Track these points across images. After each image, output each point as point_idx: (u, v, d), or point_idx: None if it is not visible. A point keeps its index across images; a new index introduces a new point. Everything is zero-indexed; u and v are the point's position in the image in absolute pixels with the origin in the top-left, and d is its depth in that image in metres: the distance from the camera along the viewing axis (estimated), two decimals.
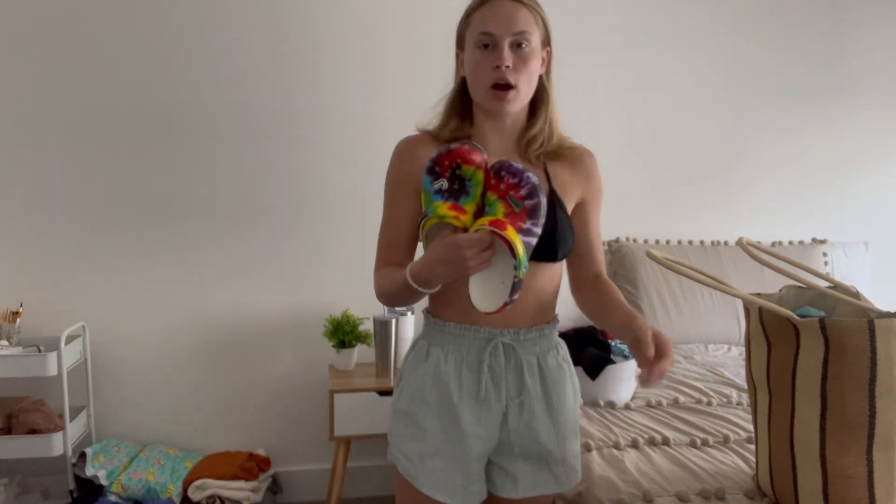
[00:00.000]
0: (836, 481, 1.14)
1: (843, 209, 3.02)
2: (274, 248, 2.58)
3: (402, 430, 1.27)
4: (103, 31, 2.41)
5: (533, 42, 1.19)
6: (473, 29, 1.20)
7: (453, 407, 1.23)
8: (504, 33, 1.17)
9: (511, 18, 1.17)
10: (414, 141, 1.29)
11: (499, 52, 1.17)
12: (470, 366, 1.24)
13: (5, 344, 2.25)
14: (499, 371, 1.24)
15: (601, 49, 2.74)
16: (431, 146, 1.24)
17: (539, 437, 1.26)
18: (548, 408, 1.26)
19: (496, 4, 1.19)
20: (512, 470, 1.28)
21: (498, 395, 1.24)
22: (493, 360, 1.23)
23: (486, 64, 1.18)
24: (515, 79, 1.18)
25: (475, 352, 1.24)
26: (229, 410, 2.61)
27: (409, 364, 1.30)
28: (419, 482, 1.23)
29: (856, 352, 1.11)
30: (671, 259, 1.18)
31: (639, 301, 2.60)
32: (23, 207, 2.42)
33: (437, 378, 1.24)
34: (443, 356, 1.25)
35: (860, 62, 2.96)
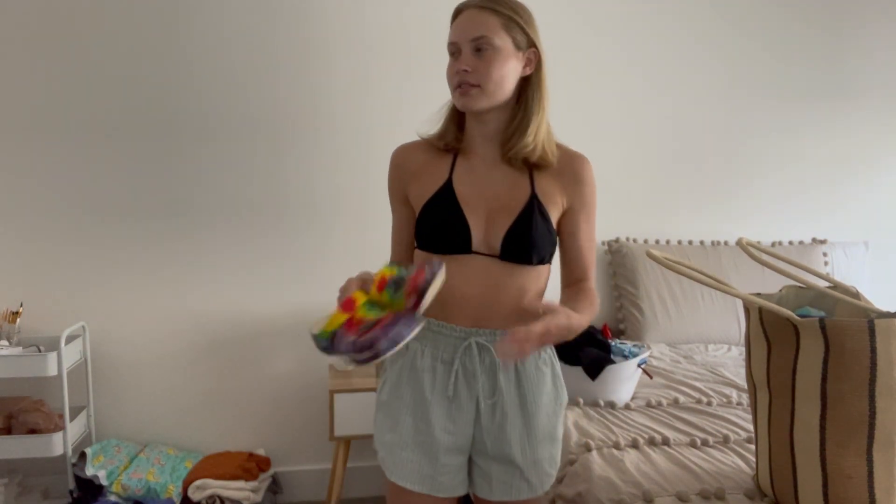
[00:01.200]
0: (836, 481, 1.14)
1: (843, 209, 3.02)
2: (274, 249, 2.58)
3: (382, 420, 1.33)
4: (104, 31, 2.41)
5: (496, 43, 1.23)
6: (447, 42, 1.28)
7: (425, 401, 1.27)
8: (463, 40, 1.24)
9: (469, 25, 1.24)
10: (403, 150, 1.38)
11: (458, 57, 1.25)
12: (444, 362, 1.28)
13: (5, 344, 2.25)
14: (472, 370, 1.27)
15: (601, 49, 2.74)
16: (422, 151, 1.34)
17: (510, 441, 1.27)
18: (521, 411, 1.28)
19: (462, 16, 1.26)
20: (487, 470, 1.31)
21: (470, 395, 1.27)
22: (466, 359, 1.27)
23: (451, 69, 1.26)
24: (477, 78, 1.23)
25: (450, 349, 1.27)
26: (229, 410, 2.61)
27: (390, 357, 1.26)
28: (390, 471, 1.30)
29: (856, 352, 1.11)
30: (671, 259, 1.18)
31: (639, 301, 2.60)
32: (23, 208, 2.42)
33: (413, 372, 1.29)
34: (420, 351, 1.29)
35: (860, 62, 2.96)
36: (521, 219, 1.25)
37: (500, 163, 1.31)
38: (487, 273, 1.26)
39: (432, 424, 1.27)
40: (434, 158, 1.34)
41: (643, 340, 2.56)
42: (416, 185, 1.33)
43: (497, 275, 1.26)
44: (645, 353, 1.95)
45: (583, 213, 1.33)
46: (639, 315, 2.59)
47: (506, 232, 1.24)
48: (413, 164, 1.34)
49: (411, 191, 1.34)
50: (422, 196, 1.30)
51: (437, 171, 1.32)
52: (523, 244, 1.24)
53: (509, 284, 1.26)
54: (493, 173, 1.31)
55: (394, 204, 1.39)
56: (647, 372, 2.01)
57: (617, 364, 1.88)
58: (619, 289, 2.69)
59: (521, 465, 1.28)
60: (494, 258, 1.26)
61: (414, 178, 1.34)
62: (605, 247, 2.78)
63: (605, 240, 2.79)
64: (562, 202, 1.32)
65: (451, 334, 1.27)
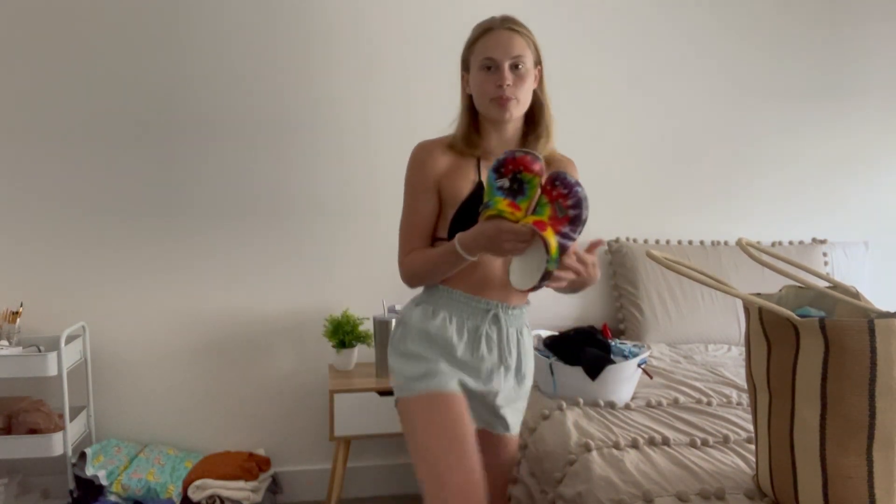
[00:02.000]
0: (836, 481, 1.14)
1: (843, 209, 3.02)
2: (274, 249, 2.58)
3: (410, 366, 1.46)
4: (104, 31, 2.41)
5: (527, 63, 1.44)
6: (478, 55, 1.45)
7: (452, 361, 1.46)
8: (503, 57, 1.42)
9: (508, 45, 1.43)
10: (431, 145, 1.51)
11: (500, 72, 1.42)
12: (469, 330, 1.48)
13: (5, 344, 2.25)
14: (492, 337, 1.49)
15: (601, 49, 2.74)
16: (446, 151, 1.49)
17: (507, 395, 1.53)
18: (517, 373, 1.53)
19: (496, 34, 1.44)
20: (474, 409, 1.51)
21: (490, 357, 1.49)
22: (489, 328, 1.48)
23: (490, 83, 1.42)
24: (514, 92, 1.43)
25: (474, 319, 1.48)
26: (229, 410, 2.61)
27: (416, 317, 1.49)
28: (435, 384, 1.43)
29: (856, 352, 1.11)
30: (671, 259, 1.18)
31: (639, 301, 2.60)
32: (23, 208, 2.42)
33: (443, 334, 1.46)
34: (448, 318, 1.47)
35: (860, 62, 2.96)
36: None
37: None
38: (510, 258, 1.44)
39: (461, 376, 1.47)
40: (459, 160, 1.50)
41: (643, 340, 2.56)
42: (447, 182, 1.48)
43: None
44: (645, 353, 1.95)
45: None
46: (639, 315, 2.59)
47: None
48: (442, 162, 1.49)
49: (442, 187, 1.48)
50: (456, 195, 1.46)
51: (466, 173, 1.48)
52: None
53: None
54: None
55: (420, 195, 1.49)
56: (647, 372, 2.01)
57: (617, 364, 1.88)
58: (619, 289, 2.69)
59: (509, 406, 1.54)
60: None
61: (444, 177, 1.48)
62: (605, 247, 2.78)
63: (606, 240, 2.78)
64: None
65: (477, 306, 1.47)
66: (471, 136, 1.49)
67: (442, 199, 1.49)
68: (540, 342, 2.04)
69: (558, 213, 1.30)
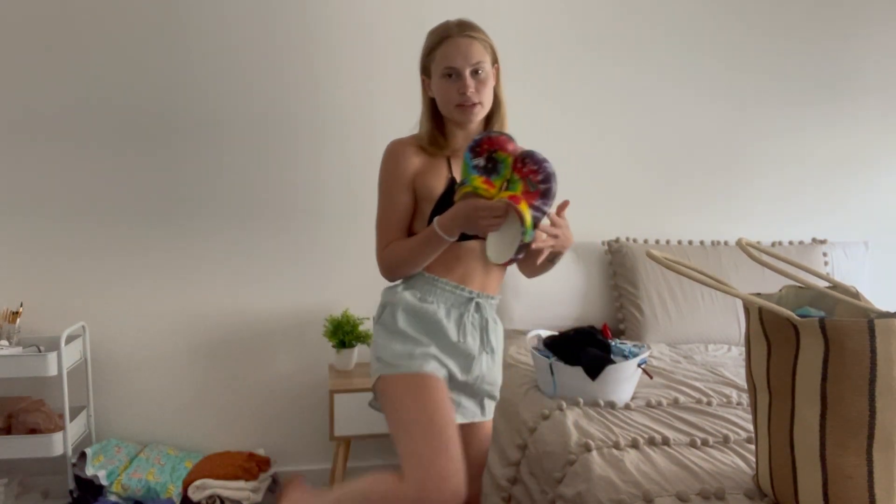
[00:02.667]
0: (836, 481, 1.14)
1: (843, 209, 3.02)
2: (274, 249, 2.58)
3: (401, 344, 1.48)
4: (105, 32, 2.41)
5: (486, 67, 1.50)
6: (438, 63, 1.49)
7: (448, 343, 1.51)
8: (464, 65, 1.47)
9: (468, 53, 1.47)
10: (405, 144, 1.55)
11: (462, 80, 1.47)
12: (454, 318, 1.53)
13: (5, 344, 2.25)
14: (475, 324, 1.55)
15: (601, 50, 2.74)
16: (418, 149, 1.54)
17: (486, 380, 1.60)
18: (492, 356, 1.60)
19: (455, 42, 1.48)
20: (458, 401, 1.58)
21: (473, 341, 1.54)
22: (472, 316, 1.54)
23: (452, 90, 1.48)
24: (478, 97, 1.49)
25: (458, 307, 1.54)
26: (229, 410, 2.61)
27: (405, 300, 1.52)
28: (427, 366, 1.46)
29: (856, 352, 1.11)
30: (671, 259, 1.18)
31: (639, 301, 2.60)
32: (23, 208, 2.42)
33: (435, 317, 1.50)
34: (437, 303, 1.52)
35: (860, 62, 2.96)
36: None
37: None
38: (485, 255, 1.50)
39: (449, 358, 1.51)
40: (431, 158, 1.55)
41: (643, 340, 2.55)
42: (421, 180, 1.52)
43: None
44: (645, 353, 1.95)
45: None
46: (639, 315, 2.59)
47: None
48: (416, 160, 1.53)
49: (418, 183, 1.52)
50: (433, 190, 1.51)
51: (439, 170, 1.53)
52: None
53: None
54: None
55: (397, 192, 1.53)
56: (647, 372, 2.01)
57: (617, 364, 1.88)
58: (619, 289, 2.69)
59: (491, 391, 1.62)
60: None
61: (418, 174, 1.53)
62: (605, 247, 2.78)
63: (605, 240, 2.79)
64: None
65: (462, 294, 1.53)
66: (437, 138, 1.54)
67: (417, 197, 1.53)
68: (540, 342, 2.04)
69: (530, 188, 1.37)
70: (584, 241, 2.76)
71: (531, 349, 2.01)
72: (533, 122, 2.71)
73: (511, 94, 2.70)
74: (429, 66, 1.53)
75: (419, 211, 1.55)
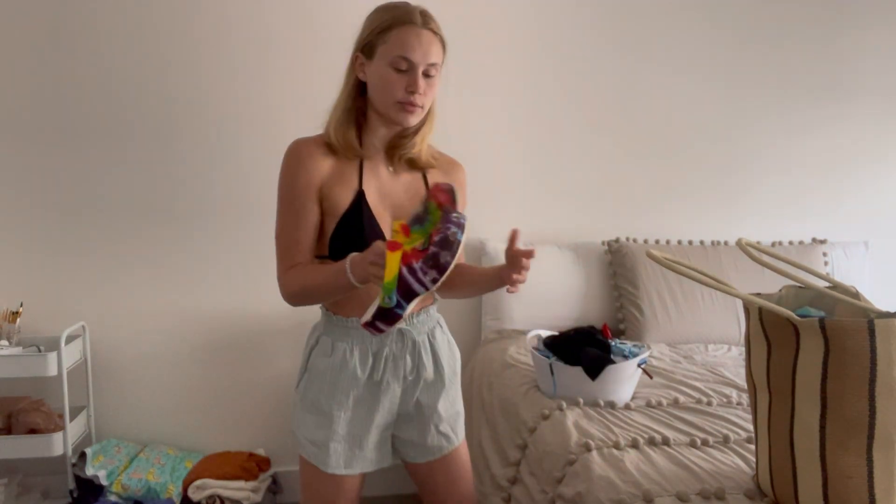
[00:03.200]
0: (836, 481, 1.14)
1: (843, 209, 3.02)
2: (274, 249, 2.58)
3: (310, 419, 1.42)
4: (101, 32, 2.41)
5: (439, 70, 1.34)
6: (390, 48, 1.29)
7: (359, 393, 1.39)
8: (421, 62, 1.29)
9: (429, 50, 1.29)
10: (310, 145, 1.36)
11: (414, 78, 1.29)
12: (375, 355, 1.39)
13: (5, 344, 2.25)
14: (399, 355, 1.40)
15: (600, 49, 2.74)
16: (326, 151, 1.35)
17: (433, 406, 1.46)
18: (438, 377, 1.46)
19: (416, 32, 1.28)
20: (415, 438, 1.48)
21: (396, 376, 1.41)
22: (394, 346, 1.39)
23: (399, 84, 1.29)
24: (423, 101, 1.32)
25: (377, 341, 1.38)
26: (229, 410, 2.61)
27: (314, 358, 1.43)
28: (326, 464, 1.40)
29: (856, 352, 1.11)
30: (671, 259, 1.18)
31: (639, 301, 2.60)
32: (23, 208, 2.42)
33: (344, 369, 1.38)
34: (348, 349, 1.39)
35: (860, 62, 2.96)
36: None
37: (398, 167, 1.42)
38: None
39: (368, 411, 1.40)
40: (340, 162, 1.36)
41: (643, 340, 2.55)
42: (328, 190, 1.34)
43: None
44: (645, 353, 1.95)
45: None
46: (639, 315, 2.59)
47: None
48: (324, 165, 1.35)
49: (325, 193, 1.35)
50: (337, 206, 1.33)
51: (348, 179, 1.35)
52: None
53: None
54: (396, 179, 1.41)
55: (301, 203, 1.33)
56: (647, 372, 2.01)
57: (617, 364, 1.88)
58: (619, 289, 2.69)
59: (435, 422, 1.47)
60: None
61: (326, 183, 1.35)
62: (605, 247, 2.78)
63: (605, 240, 2.79)
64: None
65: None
66: (349, 133, 1.35)
67: (322, 210, 1.35)
68: (540, 342, 2.04)
69: (421, 247, 1.12)
70: (584, 241, 2.76)
71: (531, 349, 2.01)
72: (533, 122, 2.73)
73: (511, 93, 2.70)
74: (374, 46, 1.31)
75: (322, 226, 1.36)
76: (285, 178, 1.36)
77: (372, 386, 1.40)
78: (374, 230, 1.34)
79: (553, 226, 2.77)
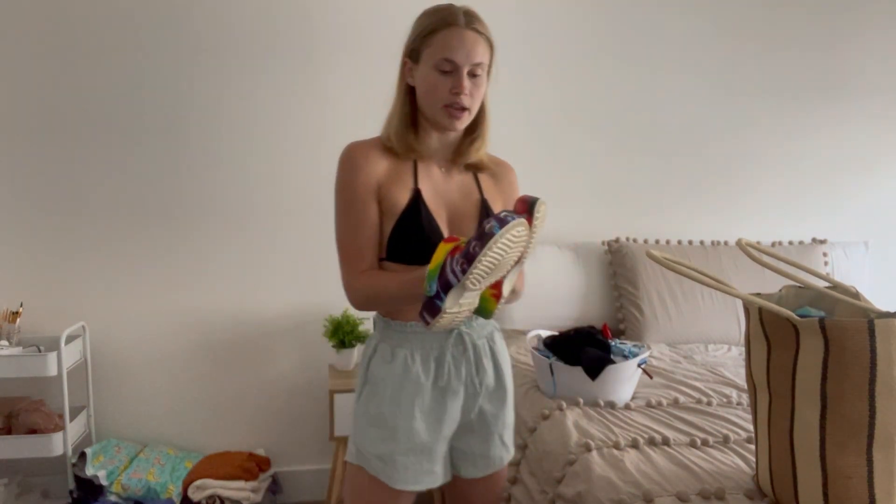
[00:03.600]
0: (836, 481, 1.14)
1: (843, 209, 3.02)
2: (274, 249, 2.58)
3: (373, 432, 1.34)
4: (102, 31, 2.41)
5: (484, 70, 1.31)
6: (434, 51, 1.28)
7: (425, 400, 1.34)
8: (465, 63, 1.27)
9: (473, 50, 1.28)
10: (366, 147, 1.36)
11: (459, 79, 1.28)
12: (437, 360, 1.35)
13: (5, 344, 2.25)
14: (459, 359, 1.36)
15: (600, 49, 2.74)
16: (382, 153, 1.35)
17: (497, 414, 1.42)
18: (499, 383, 1.42)
19: (460, 33, 1.27)
20: (469, 450, 1.42)
21: (460, 381, 1.36)
22: (455, 351, 1.35)
23: (444, 87, 1.29)
24: (469, 103, 1.31)
25: (438, 345, 1.34)
26: (229, 410, 2.61)
27: (374, 367, 1.37)
28: (393, 480, 1.33)
29: (856, 352, 1.11)
30: (671, 259, 1.18)
31: (639, 301, 2.60)
32: (23, 208, 2.42)
33: (407, 376, 1.33)
34: (409, 355, 1.34)
35: (860, 62, 2.96)
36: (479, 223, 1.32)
37: (452, 168, 1.41)
38: None
39: (435, 420, 1.35)
40: (396, 163, 1.35)
41: (643, 340, 2.55)
42: (386, 190, 1.33)
43: None
44: (645, 353, 1.95)
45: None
46: (639, 315, 2.59)
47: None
48: (380, 166, 1.34)
49: (382, 194, 1.33)
50: (395, 206, 1.32)
51: (404, 179, 1.34)
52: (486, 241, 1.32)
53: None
54: (449, 180, 1.40)
55: (363, 204, 1.32)
56: (647, 372, 2.01)
57: (617, 364, 1.88)
58: (619, 289, 2.69)
59: (500, 431, 1.43)
60: None
61: (384, 183, 1.33)
62: (605, 247, 2.78)
63: (605, 240, 2.79)
64: (498, 206, 1.44)
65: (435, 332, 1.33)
66: (406, 135, 1.35)
67: (383, 207, 1.33)
68: (540, 342, 2.04)
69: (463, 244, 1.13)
70: (584, 241, 2.76)
71: (531, 349, 2.01)
72: (532, 123, 2.72)
73: (510, 93, 2.70)
74: (419, 51, 1.31)
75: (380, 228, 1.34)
76: (343, 182, 1.34)
77: (437, 392, 1.34)
78: (433, 228, 1.32)
79: (553, 226, 2.74)
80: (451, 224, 1.37)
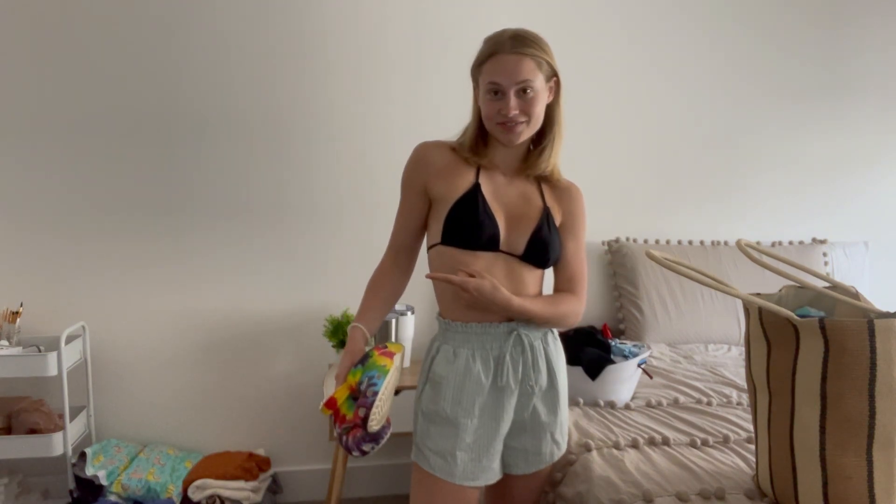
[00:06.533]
0: (836, 481, 1.14)
1: (843, 209, 3.02)
2: (274, 249, 2.58)
3: (434, 430, 1.41)
4: (102, 30, 2.41)
5: (536, 85, 1.38)
6: (484, 78, 1.40)
7: (485, 399, 1.40)
8: (509, 84, 1.36)
9: (515, 71, 1.36)
10: (429, 146, 1.48)
11: (506, 99, 1.37)
12: (496, 359, 1.41)
13: (5, 344, 2.25)
14: (517, 359, 1.41)
15: (601, 49, 2.74)
16: (447, 153, 1.46)
17: (551, 412, 1.46)
18: (550, 382, 1.45)
19: (502, 59, 1.37)
20: (521, 446, 1.46)
21: (517, 381, 1.41)
22: (514, 350, 1.41)
23: (494, 108, 1.39)
24: (521, 117, 1.38)
25: (498, 345, 1.41)
26: (229, 410, 2.61)
27: (436, 367, 1.44)
28: (453, 475, 1.39)
29: (856, 352, 1.11)
30: (671, 259, 1.18)
31: (639, 301, 2.60)
32: (23, 208, 2.42)
33: (469, 375, 1.40)
34: (470, 356, 1.41)
35: (859, 61, 2.96)
36: (540, 226, 1.42)
37: (516, 176, 1.48)
38: (510, 271, 1.41)
39: (494, 419, 1.41)
40: (459, 163, 1.45)
41: (643, 340, 2.56)
42: (441, 182, 1.43)
43: (518, 273, 1.42)
44: (645, 353, 1.95)
45: (571, 234, 1.51)
46: (639, 315, 2.59)
47: (530, 236, 1.41)
48: (438, 163, 1.45)
49: (434, 187, 1.44)
50: (450, 194, 1.41)
51: (463, 176, 1.44)
52: (544, 248, 1.42)
53: (527, 282, 1.43)
54: (511, 185, 1.47)
55: (408, 193, 1.48)
56: (647, 372, 2.01)
57: (617, 364, 1.88)
58: (619, 289, 2.69)
59: (552, 427, 1.46)
60: (516, 258, 1.41)
61: (438, 176, 1.44)
62: (605, 247, 2.78)
63: (605, 240, 2.79)
64: (559, 218, 1.49)
65: (494, 332, 1.41)
66: (478, 146, 1.46)
67: (436, 197, 1.44)
68: None
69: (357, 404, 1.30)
70: (585, 240, 2.76)
71: None
72: None
73: None
74: (477, 77, 1.44)
75: (434, 211, 1.46)
76: (404, 172, 1.49)
77: (496, 392, 1.41)
78: (488, 216, 1.40)
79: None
80: (508, 222, 1.42)
